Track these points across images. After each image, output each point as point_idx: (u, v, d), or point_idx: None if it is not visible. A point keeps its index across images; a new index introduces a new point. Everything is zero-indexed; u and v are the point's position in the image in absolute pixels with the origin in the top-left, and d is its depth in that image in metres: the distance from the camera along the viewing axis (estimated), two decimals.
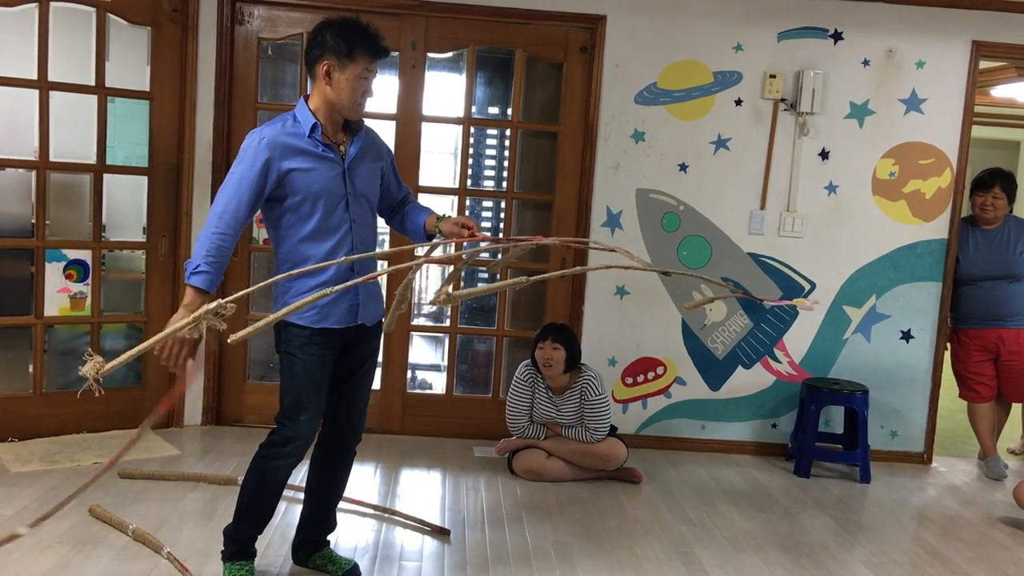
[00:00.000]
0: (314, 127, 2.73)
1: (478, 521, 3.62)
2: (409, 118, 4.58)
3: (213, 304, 1.89)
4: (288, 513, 3.48)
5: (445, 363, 4.92)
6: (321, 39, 2.71)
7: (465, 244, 2.87)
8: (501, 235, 5.12)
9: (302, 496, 3.07)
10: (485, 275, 5.28)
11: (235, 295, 2.04)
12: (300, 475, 3.26)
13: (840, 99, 4.59)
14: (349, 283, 2.35)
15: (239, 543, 2.87)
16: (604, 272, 4.56)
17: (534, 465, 4.13)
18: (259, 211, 2.76)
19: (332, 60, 2.69)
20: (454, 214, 3.18)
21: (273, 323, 2.03)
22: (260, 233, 4.60)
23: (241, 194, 2.64)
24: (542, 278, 2.40)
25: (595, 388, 4.13)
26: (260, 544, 3.22)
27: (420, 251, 3.10)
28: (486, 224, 5.37)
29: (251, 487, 2.83)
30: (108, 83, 4.22)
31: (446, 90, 4.93)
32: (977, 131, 5.06)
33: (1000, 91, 6.91)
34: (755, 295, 2.90)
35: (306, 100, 2.77)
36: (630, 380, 4.72)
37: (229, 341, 2.01)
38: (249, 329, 1.98)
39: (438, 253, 3.29)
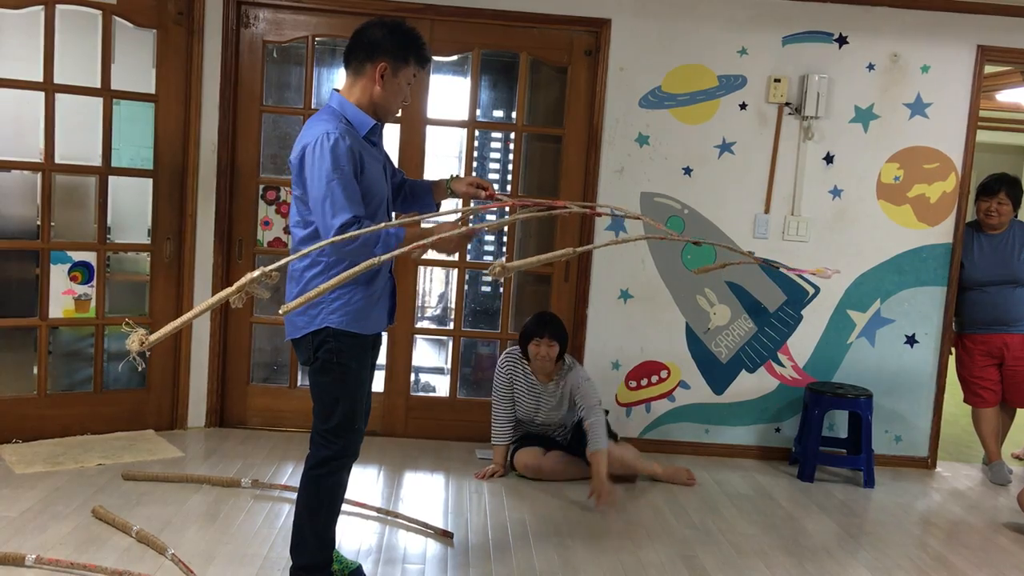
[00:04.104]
0: (374, 128, 2.67)
1: (481, 523, 3.62)
2: (413, 121, 4.58)
3: (257, 272, 1.80)
4: (291, 514, 3.47)
5: (448, 366, 4.92)
6: (376, 38, 2.63)
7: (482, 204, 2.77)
8: (505, 238, 5.12)
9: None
10: (488, 276, 5.27)
11: (277, 263, 1.84)
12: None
13: (845, 103, 4.59)
14: (395, 253, 2.14)
15: (323, 568, 2.82)
16: (608, 276, 4.55)
17: (531, 461, 4.16)
18: (294, 204, 2.66)
19: (388, 61, 2.63)
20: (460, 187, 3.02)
21: (318, 296, 1.87)
22: (264, 236, 4.61)
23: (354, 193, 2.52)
24: (590, 248, 2.30)
25: (579, 371, 4.15)
26: (263, 546, 3.24)
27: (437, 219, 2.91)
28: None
29: (322, 510, 2.76)
30: (114, 85, 4.23)
31: (450, 93, 4.94)
32: (982, 136, 5.06)
33: (1005, 96, 6.89)
34: (775, 263, 2.84)
35: (342, 97, 2.67)
36: (634, 384, 4.72)
37: (281, 312, 1.87)
38: (299, 299, 1.85)
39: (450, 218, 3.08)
